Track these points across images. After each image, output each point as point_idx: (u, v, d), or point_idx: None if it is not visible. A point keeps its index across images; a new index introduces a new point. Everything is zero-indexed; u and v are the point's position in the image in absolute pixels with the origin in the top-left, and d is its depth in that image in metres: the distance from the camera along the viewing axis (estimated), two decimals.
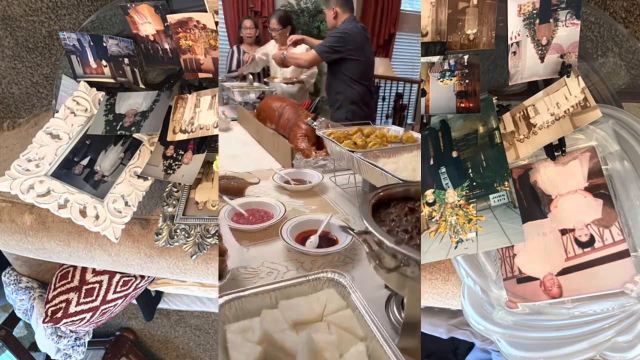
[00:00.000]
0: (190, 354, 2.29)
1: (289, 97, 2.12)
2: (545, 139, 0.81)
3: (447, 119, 0.90)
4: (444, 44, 0.88)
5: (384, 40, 3.22)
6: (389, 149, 1.10)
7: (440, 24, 0.87)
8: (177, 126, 1.05)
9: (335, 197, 1.17)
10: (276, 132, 1.66)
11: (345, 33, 1.85)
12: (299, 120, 1.61)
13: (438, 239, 0.83)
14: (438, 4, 0.86)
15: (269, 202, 1.07)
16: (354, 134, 1.24)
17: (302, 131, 1.55)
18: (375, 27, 3.14)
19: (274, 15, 2.38)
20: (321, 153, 1.45)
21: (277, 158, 1.53)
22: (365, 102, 1.98)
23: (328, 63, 1.94)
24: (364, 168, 1.01)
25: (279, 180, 1.24)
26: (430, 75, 0.88)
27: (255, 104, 2.18)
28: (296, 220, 0.97)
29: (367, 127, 1.29)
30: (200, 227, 1.04)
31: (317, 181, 1.24)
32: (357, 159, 1.02)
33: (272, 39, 2.46)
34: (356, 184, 1.20)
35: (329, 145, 1.23)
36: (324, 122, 1.47)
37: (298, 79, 2.36)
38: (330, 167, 1.35)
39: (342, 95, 1.94)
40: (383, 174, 0.91)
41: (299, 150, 1.48)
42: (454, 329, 1.55)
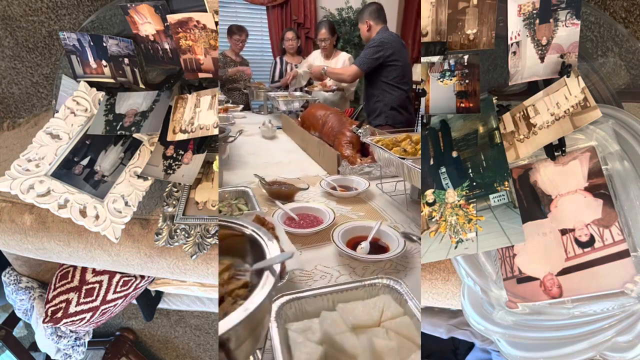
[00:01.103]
0: (190, 354, 2.29)
1: (332, 106, 2.16)
2: (545, 139, 0.81)
3: (447, 119, 0.90)
4: (444, 44, 0.88)
5: None
6: None
7: (440, 24, 0.87)
8: (177, 126, 1.06)
9: (382, 204, 1.19)
10: (321, 140, 1.69)
11: (380, 41, 1.93)
12: (344, 128, 1.64)
13: (438, 239, 0.83)
14: (438, 4, 0.86)
15: (319, 207, 1.10)
16: (402, 140, 1.25)
17: (346, 138, 1.58)
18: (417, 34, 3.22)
19: (322, 25, 2.44)
20: (366, 160, 1.48)
21: (322, 165, 1.57)
22: (404, 107, 2.02)
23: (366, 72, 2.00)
24: (415, 175, 1.02)
25: (326, 187, 1.26)
26: (430, 75, 0.88)
27: (299, 113, 2.24)
28: (347, 225, 0.99)
29: (415, 134, 1.30)
30: (200, 227, 1.04)
31: (364, 188, 1.26)
32: (408, 166, 1.03)
33: (314, 50, 2.54)
34: (405, 191, 1.22)
35: (377, 152, 1.25)
36: (369, 129, 1.48)
37: (339, 87, 2.41)
38: (376, 174, 1.38)
39: (381, 102, 1.99)
40: None
41: (344, 158, 1.50)
42: (454, 329, 1.55)
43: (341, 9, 3.21)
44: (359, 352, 0.58)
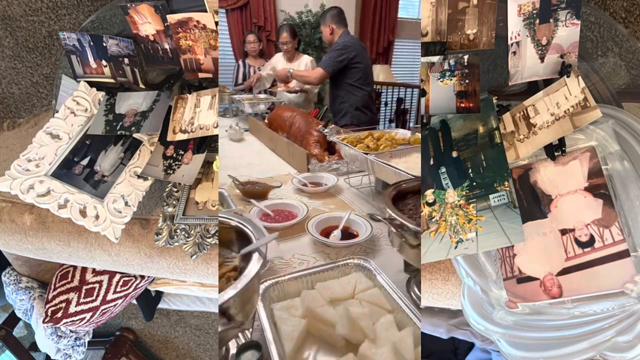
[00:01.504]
0: (190, 354, 2.29)
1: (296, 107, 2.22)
2: (545, 139, 0.81)
3: (447, 119, 0.90)
4: (444, 44, 0.88)
5: (383, 48, 3.34)
6: (399, 150, 1.23)
7: (440, 24, 0.87)
8: (177, 126, 1.06)
9: (350, 197, 1.29)
10: (290, 140, 1.77)
11: (344, 45, 2.02)
12: (311, 128, 1.72)
13: (438, 239, 0.83)
14: (438, 4, 0.86)
15: (292, 203, 1.18)
16: (365, 138, 1.35)
17: (314, 138, 1.66)
18: (374, 35, 3.26)
19: (283, 28, 2.47)
20: (334, 157, 1.57)
21: (292, 164, 1.65)
22: (367, 107, 2.11)
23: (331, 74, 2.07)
24: (378, 168, 1.12)
25: (297, 184, 1.34)
26: (430, 75, 0.88)
27: (265, 115, 2.29)
28: (319, 217, 1.08)
29: (377, 131, 1.42)
30: (200, 227, 1.04)
31: (333, 183, 1.35)
32: (371, 161, 1.12)
33: (276, 53, 2.57)
34: (370, 184, 1.32)
35: (343, 150, 1.35)
36: (334, 129, 1.58)
37: (302, 89, 2.45)
38: (343, 170, 1.48)
39: (346, 103, 2.07)
40: (396, 172, 1.01)
41: (313, 156, 1.59)
42: (454, 329, 1.55)
43: (301, 12, 3.23)
44: (338, 320, 0.67)
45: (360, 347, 0.63)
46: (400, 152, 1.20)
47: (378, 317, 0.67)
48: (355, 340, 0.65)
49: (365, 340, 0.64)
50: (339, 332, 0.66)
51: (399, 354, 0.61)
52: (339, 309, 0.69)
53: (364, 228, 1.02)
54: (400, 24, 3.37)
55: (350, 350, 0.64)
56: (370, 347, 0.63)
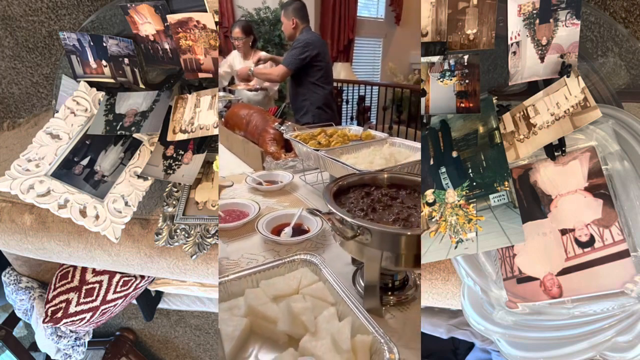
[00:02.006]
0: (190, 354, 2.29)
1: (255, 105, 2.20)
2: (545, 139, 0.81)
3: (447, 119, 0.90)
4: (444, 44, 0.88)
5: (343, 46, 3.35)
6: (350, 145, 1.24)
7: (440, 24, 0.87)
8: (177, 126, 1.06)
9: (305, 194, 1.27)
10: (245, 139, 1.76)
11: (306, 42, 1.99)
12: (267, 126, 1.71)
13: (438, 239, 0.83)
14: (438, 4, 0.86)
15: (243, 202, 1.15)
16: (318, 134, 1.36)
17: (270, 136, 1.65)
18: (335, 33, 3.28)
19: (236, 24, 2.43)
20: (290, 155, 1.56)
21: (248, 162, 1.63)
22: (328, 105, 2.11)
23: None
24: (328, 164, 1.12)
25: (251, 182, 1.31)
26: (430, 75, 0.88)
27: (222, 113, 2.27)
28: (271, 215, 1.06)
29: (330, 128, 1.42)
30: (200, 227, 1.04)
31: (288, 181, 1.33)
32: (321, 157, 1.13)
33: (234, 49, 2.52)
34: (323, 181, 1.31)
35: (296, 147, 1.34)
36: (291, 126, 1.57)
37: (262, 87, 2.42)
38: (300, 168, 1.46)
39: (308, 101, 2.06)
40: (344, 167, 1.02)
41: (268, 154, 1.58)
42: (454, 329, 1.55)
43: (259, 9, 3.18)
44: (279, 316, 0.67)
45: (301, 341, 0.63)
46: (351, 148, 1.20)
47: (321, 310, 0.68)
48: (297, 335, 0.65)
49: (306, 333, 0.64)
50: (281, 328, 0.66)
51: (336, 344, 0.62)
52: (281, 305, 0.68)
53: (315, 224, 1.01)
54: (360, 23, 3.39)
55: (292, 345, 0.64)
56: (310, 340, 0.63)
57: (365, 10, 3.40)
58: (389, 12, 3.52)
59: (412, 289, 0.79)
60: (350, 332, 0.63)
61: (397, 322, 0.73)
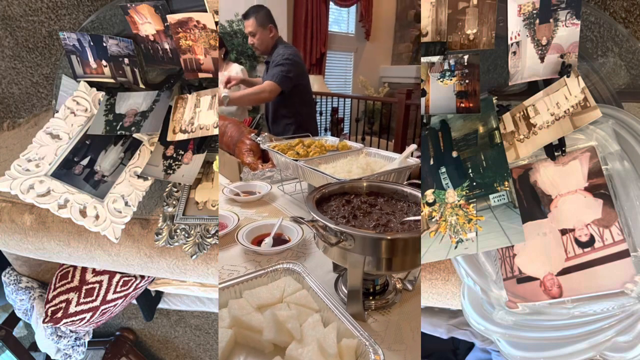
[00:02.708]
0: (190, 354, 2.29)
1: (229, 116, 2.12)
2: (545, 139, 0.81)
3: (447, 119, 0.90)
4: (444, 44, 0.88)
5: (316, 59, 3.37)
6: (328, 156, 1.25)
7: (440, 24, 0.87)
8: (177, 126, 1.06)
9: (284, 204, 1.28)
10: (221, 149, 1.73)
11: (293, 59, 1.84)
12: (243, 137, 1.68)
13: (438, 239, 0.83)
14: (438, 4, 0.86)
15: (222, 213, 1.14)
16: (296, 145, 1.37)
17: (246, 146, 1.63)
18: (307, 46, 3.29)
19: None
20: (267, 165, 1.55)
21: (225, 174, 1.62)
22: (310, 123, 2.01)
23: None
24: (307, 174, 1.14)
25: (228, 194, 1.31)
26: (430, 75, 0.88)
27: None
28: (250, 226, 1.06)
29: (307, 138, 1.43)
30: (200, 227, 1.04)
31: (266, 191, 1.34)
32: (301, 167, 1.14)
33: None
34: (302, 190, 1.32)
35: (274, 157, 1.34)
36: (267, 137, 1.56)
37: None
38: (277, 178, 1.47)
39: (293, 125, 1.94)
40: (324, 176, 1.03)
41: (245, 165, 1.57)
42: (454, 329, 1.55)
43: (231, 21, 3.13)
44: (265, 325, 0.67)
45: (287, 349, 0.64)
46: (328, 158, 1.22)
47: (306, 317, 0.69)
48: (283, 343, 0.66)
49: (292, 341, 0.65)
50: (267, 337, 0.67)
51: (323, 349, 0.63)
52: (266, 314, 0.69)
53: (296, 233, 1.01)
54: (332, 37, 3.44)
55: (278, 354, 0.65)
56: (296, 347, 0.64)
57: (336, 25, 3.48)
58: (358, 28, 3.58)
59: (392, 293, 0.80)
60: (336, 337, 0.64)
61: (380, 325, 0.74)
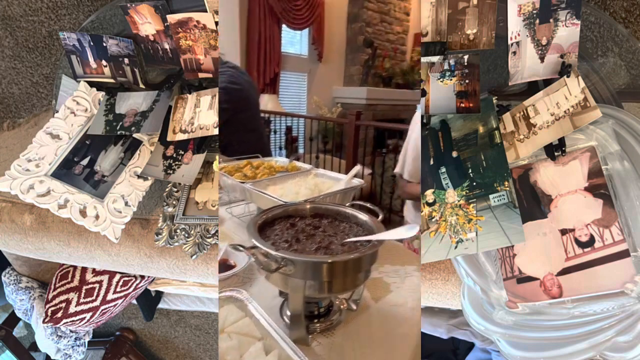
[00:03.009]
0: (190, 354, 2.29)
1: None
2: (545, 139, 0.81)
3: (447, 119, 0.90)
4: (444, 44, 0.88)
5: (270, 79, 3.39)
6: (277, 177, 1.22)
7: (440, 24, 0.87)
8: (177, 126, 1.06)
9: (232, 227, 1.23)
10: None
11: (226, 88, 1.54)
12: None
13: (438, 239, 0.83)
14: (438, 4, 0.86)
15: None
16: (244, 166, 1.33)
17: None
18: (261, 67, 3.28)
19: None
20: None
21: None
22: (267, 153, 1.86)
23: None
24: (255, 196, 1.11)
25: None
26: (430, 75, 0.88)
27: None
28: None
29: (256, 160, 1.39)
30: (200, 227, 1.04)
31: None
32: (248, 189, 1.12)
33: None
34: (250, 213, 1.29)
35: (221, 180, 1.30)
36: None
37: None
38: (226, 200, 1.41)
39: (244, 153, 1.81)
40: (270, 199, 1.01)
41: None
42: (454, 329, 1.55)
43: None
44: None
45: None
46: (277, 180, 1.19)
47: (248, 347, 0.67)
48: None
49: None
50: None
51: None
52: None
53: (242, 258, 0.99)
54: (285, 58, 3.47)
55: None
56: None
57: (290, 46, 3.53)
58: (311, 50, 3.65)
59: (337, 314, 0.79)
60: None
61: (323, 348, 0.73)
